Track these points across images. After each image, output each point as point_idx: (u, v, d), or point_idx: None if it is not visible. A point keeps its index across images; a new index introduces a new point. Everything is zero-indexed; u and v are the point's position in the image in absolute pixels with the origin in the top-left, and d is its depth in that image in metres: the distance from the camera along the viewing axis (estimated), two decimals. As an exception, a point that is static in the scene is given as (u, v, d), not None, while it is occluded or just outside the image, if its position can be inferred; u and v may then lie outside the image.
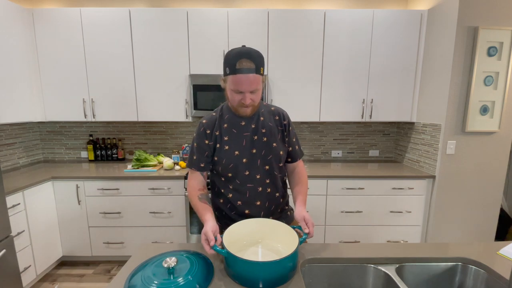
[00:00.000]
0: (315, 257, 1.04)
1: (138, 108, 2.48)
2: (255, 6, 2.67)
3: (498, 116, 2.15)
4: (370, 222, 2.39)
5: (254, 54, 0.99)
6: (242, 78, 0.98)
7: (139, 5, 2.66)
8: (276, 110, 1.19)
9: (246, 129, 1.13)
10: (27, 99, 2.32)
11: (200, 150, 1.15)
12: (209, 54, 2.40)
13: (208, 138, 1.13)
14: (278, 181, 1.19)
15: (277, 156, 1.15)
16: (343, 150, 2.93)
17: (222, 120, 1.14)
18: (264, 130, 1.13)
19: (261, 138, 1.13)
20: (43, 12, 2.32)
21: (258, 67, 0.99)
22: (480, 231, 2.33)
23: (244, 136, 1.12)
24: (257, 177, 1.13)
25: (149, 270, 0.88)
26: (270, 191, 1.16)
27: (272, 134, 1.14)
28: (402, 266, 1.03)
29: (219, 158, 1.13)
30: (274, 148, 1.14)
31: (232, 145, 1.12)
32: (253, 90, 1.01)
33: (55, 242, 2.31)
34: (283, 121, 1.18)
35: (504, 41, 2.05)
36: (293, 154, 1.22)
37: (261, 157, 1.13)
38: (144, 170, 2.38)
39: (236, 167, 1.12)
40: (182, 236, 2.37)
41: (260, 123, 1.13)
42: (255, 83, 1.00)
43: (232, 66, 0.98)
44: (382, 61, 2.43)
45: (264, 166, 1.14)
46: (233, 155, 1.11)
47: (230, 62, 0.99)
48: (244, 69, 0.97)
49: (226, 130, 1.13)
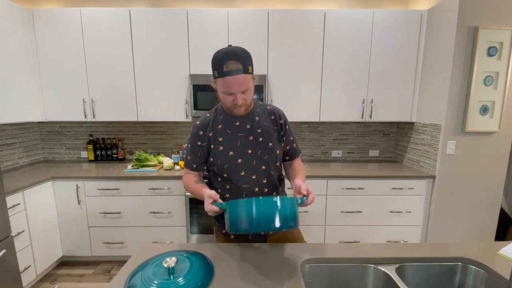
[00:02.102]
0: (315, 257, 1.04)
1: (138, 108, 2.48)
2: (255, 6, 2.67)
3: (498, 116, 2.15)
4: (370, 222, 2.39)
5: (240, 55, 0.97)
6: (231, 80, 0.97)
7: (139, 5, 2.66)
8: (272, 110, 1.19)
9: (240, 129, 1.13)
10: (27, 99, 2.32)
11: (193, 151, 1.17)
12: (209, 54, 2.39)
13: (200, 139, 1.14)
14: (275, 181, 1.18)
15: (274, 156, 1.15)
16: (343, 150, 2.93)
17: (216, 121, 1.15)
18: (259, 130, 1.13)
19: (256, 138, 1.13)
20: (43, 12, 2.32)
21: (246, 67, 0.98)
22: (480, 231, 2.33)
23: (239, 136, 1.12)
24: (253, 177, 1.13)
25: (149, 270, 0.88)
26: (267, 192, 1.16)
27: (268, 134, 1.14)
28: (402, 266, 1.03)
29: (214, 159, 1.14)
30: (270, 148, 1.14)
31: (226, 145, 1.12)
32: (243, 90, 1.01)
33: (55, 242, 2.31)
34: (279, 120, 1.17)
35: (504, 41, 2.05)
36: (291, 152, 1.23)
37: (257, 158, 1.13)
38: (144, 170, 2.38)
39: (231, 168, 1.12)
40: (182, 236, 2.37)
41: (255, 123, 1.13)
42: (245, 84, 1.00)
43: (220, 69, 0.98)
44: (382, 61, 2.43)
45: (261, 167, 1.13)
46: (227, 156, 1.12)
47: (217, 64, 0.98)
48: (232, 71, 0.96)
49: (220, 130, 1.13)
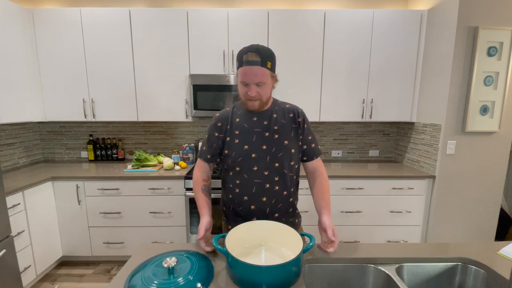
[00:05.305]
0: (315, 257, 1.04)
1: (138, 108, 2.48)
2: (255, 6, 2.67)
3: (498, 116, 2.15)
4: (370, 222, 2.39)
5: (261, 49, 1.04)
6: (247, 70, 1.03)
7: (139, 5, 2.66)
8: (291, 108, 1.20)
9: (257, 124, 1.15)
10: (27, 99, 2.32)
11: (209, 142, 1.19)
12: (209, 54, 2.40)
13: (218, 130, 1.17)
14: (287, 180, 1.17)
15: (288, 154, 1.15)
16: (343, 150, 2.93)
17: (235, 114, 1.18)
18: (276, 127, 1.14)
19: (272, 135, 1.14)
20: (43, 12, 2.32)
21: (264, 61, 1.03)
22: (480, 231, 2.33)
23: (255, 132, 1.14)
24: (265, 173, 1.13)
25: (149, 270, 0.88)
26: (278, 189, 1.16)
27: (285, 132, 1.15)
28: (402, 266, 1.03)
29: (229, 151, 1.15)
30: (285, 146, 1.14)
31: (242, 139, 1.14)
32: (258, 82, 1.04)
33: (55, 242, 2.31)
34: (298, 119, 1.18)
35: (504, 41, 2.05)
36: (308, 152, 1.21)
37: (271, 154, 1.13)
38: (144, 170, 2.38)
39: (244, 161, 1.13)
40: (182, 236, 2.37)
41: (273, 120, 1.15)
42: (260, 76, 1.03)
43: (240, 59, 1.05)
44: (382, 61, 2.43)
45: (274, 164, 1.14)
46: (242, 149, 1.13)
47: (239, 56, 1.06)
48: (250, 61, 1.02)
49: (238, 124, 1.16)
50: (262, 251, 1.01)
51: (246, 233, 1.02)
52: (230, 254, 0.86)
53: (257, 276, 0.82)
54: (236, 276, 0.86)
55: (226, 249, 0.88)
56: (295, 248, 0.93)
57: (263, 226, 1.04)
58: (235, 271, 0.86)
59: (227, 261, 0.89)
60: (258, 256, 0.98)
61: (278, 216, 1.18)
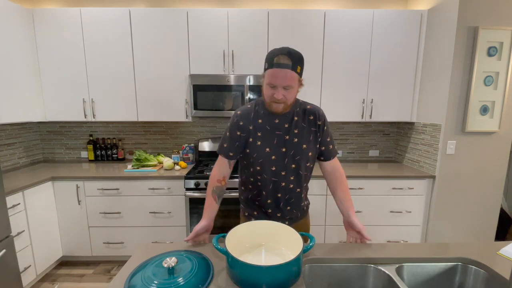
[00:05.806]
0: (315, 257, 1.04)
1: (138, 108, 2.48)
2: (255, 6, 2.67)
3: (498, 116, 2.15)
4: (370, 222, 2.39)
5: (293, 53, 1.03)
6: (276, 72, 1.02)
7: (139, 5, 2.66)
8: (312, 109, 1.20)
9: (279, 127, 1.16)
10: (27, 99, 2.32)
11: (231, 140, 1.19)
12: (209, 54, 2.40)
13: (240, 129, 1.17)
14: (302, 179, 1.22)
15: (306, 157, 1.18)
16: (343, 150, 2.93)
17: (257, 114, 1.17)
18: (296, 130, 1.16)
19: (292, 138, 1.15)
20: (43, 12, 2.32)
21: (295, 65, 1.03)
22: (480, 231, 2.33)
23: (277, 134, 1.16)
24: (282, 173, 1.18)
25: (149, 270, 0.88)
26: (292, 187, 1.21)
27: (304, 136, 1.16)
28: (402, 266, 1.03)
29: (250, 151, 1.17)
30: (304, 150, 1.16)
31: (264, 141, 1.16)
32: (286, 85, 1.04)
33: (55, 242, 2.31)
34: (318, 121, 1.18)
35: (504, 41, 2.05)
36: (326, 153, 1.23)
37: (289, 157, 1.16)
38: (144, 170, 2.38)
39: (265, 162, 1.17)
40: (182, 236, 2.37)
41: (293, 123, 1.16)
42: (289, 79, 1.03)
43: (271, 61, 1.03)
44: (382, 61, 2.43)
45: (291, 165, 1.17)
46: (264, 151, 1.15)
47: (269, 57, 1.05)
48: (281, 64, 1.01)
49: (260, 125, 1.16)
50: (262, 251, 1.01)
51: (246, 233, 1.02)
52: (230, 254, 0.86)
53: (257, 276, 0.82)
54: (236, 276, 0.86)
55: (226, 249, 0.88)
56: (295, 248, 0.93)
57: (263, 226, 1.04)
58: (235, 271, 0.86)
59: (227, 261, 0.89)
60: (258, 256, 0.98)
61: (290, 209, 1.25)
